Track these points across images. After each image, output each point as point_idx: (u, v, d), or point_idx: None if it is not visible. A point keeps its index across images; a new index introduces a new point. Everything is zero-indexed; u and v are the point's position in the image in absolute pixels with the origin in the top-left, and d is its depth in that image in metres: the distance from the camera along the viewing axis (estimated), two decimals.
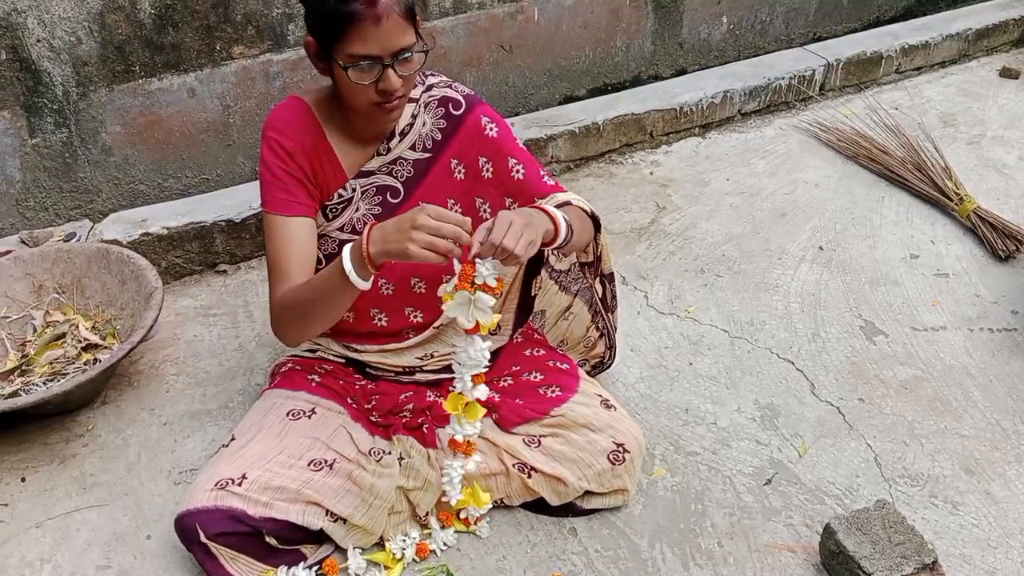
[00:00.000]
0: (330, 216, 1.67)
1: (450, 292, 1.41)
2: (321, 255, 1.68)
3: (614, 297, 1.95)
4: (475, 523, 1.74)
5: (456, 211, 1.71)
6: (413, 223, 1.33)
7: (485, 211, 1.72)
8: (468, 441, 1.61)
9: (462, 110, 1.67)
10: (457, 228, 1.34)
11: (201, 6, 2.46)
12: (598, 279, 1.89)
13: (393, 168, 1.67)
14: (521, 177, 1.68)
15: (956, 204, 2.70)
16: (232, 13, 2.51)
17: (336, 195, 1.66)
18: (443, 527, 1.73)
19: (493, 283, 1.39)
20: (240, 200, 2.55)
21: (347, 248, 1.41)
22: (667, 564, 1.70)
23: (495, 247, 1.34)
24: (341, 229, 1.67)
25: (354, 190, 1.67)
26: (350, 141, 1.65)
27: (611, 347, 2.03)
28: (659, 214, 2.81)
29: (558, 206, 1.60)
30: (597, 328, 1.98)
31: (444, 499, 1.68)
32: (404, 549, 1.69)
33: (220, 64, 2.57)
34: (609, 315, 1.96)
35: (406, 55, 1.45)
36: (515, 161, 1.68)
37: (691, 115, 3.19)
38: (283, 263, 1.58)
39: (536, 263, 1.80)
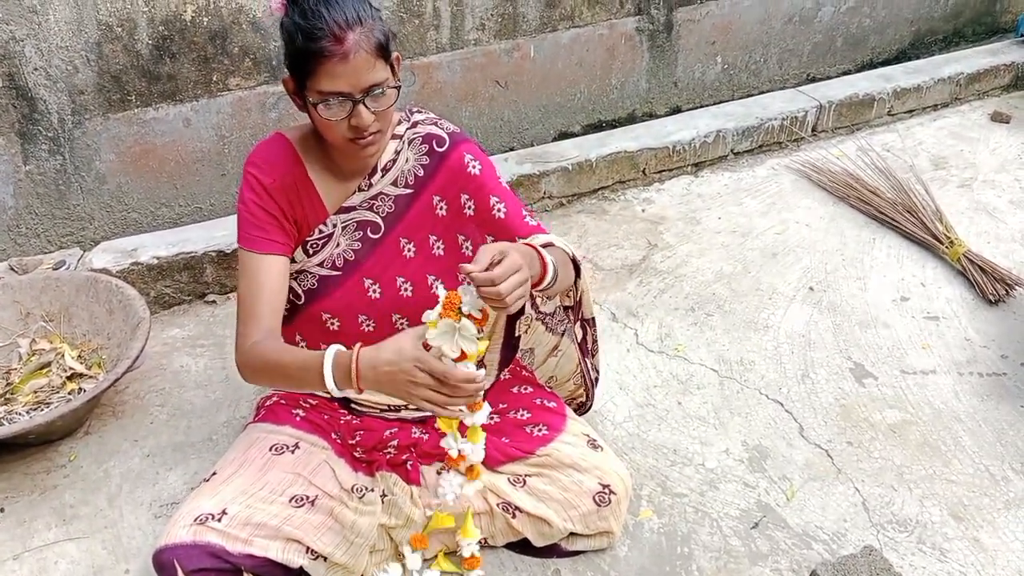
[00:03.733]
0: (310, 252, 1.67)
1: (434, 320, 1.38)
2: (300, 290, 1.68)
3: (595, 342, 1.94)
4: (468, 566, 1.69)
5: (438, 247, 1.70)
6: (411, 379, 1.34)
7: (467, 248, 1.72)
8: (473, 466, 1.57)
9: (445, 147, 1.67)
10: (458, 387, 1.35)
11: (199, 38, 2.48)
12: (579, 323, 1.88)
13: (374, 204, 1.67)
14: (503, 216, 1.68)
15: (947, 247, 2.71)
16: (229, 45, 2.53)
17: (317, 231, 1.66)
18: (423, 559, 1.69)
19: (477, 314, 1.36)
20: (231, 231, 2.55)
21: (330, 360, 1.40)
22: None
23: (491, 282, 1.32)
24: (321, 265, 1.67)
25: (335, 226, 1.66)
26: (332, 177, 1.65)
27: (589, 391, 2.01)
28: (650, 252, 2.81)
29: (542, 247, 1.60)
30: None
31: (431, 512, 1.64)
32: None
33: (216, 95, 2.59)
34: (588, 359, 1.95)
35: (377, 91, 1.46)
36: (497, 199, 1.68)
37: (684, 153, 3.21)
38: (252, 302, 1.57)
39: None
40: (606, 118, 3.40)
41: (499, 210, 1.68)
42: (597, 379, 2.02)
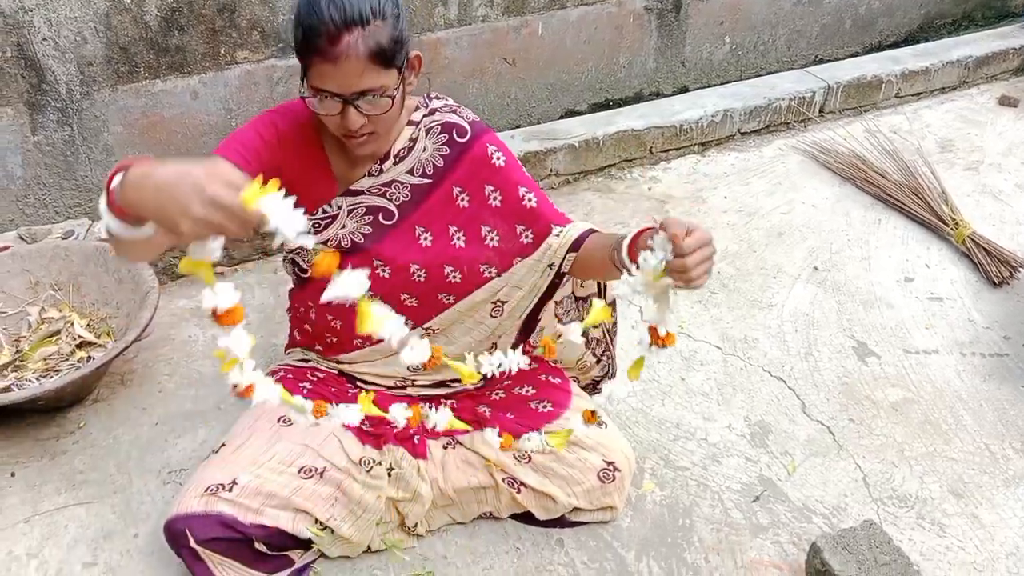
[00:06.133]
0: (311, 232, 1.62)
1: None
2: (305, 264, 1.68)
3: (615, 324, 1.93)
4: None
5: (458, 238, 1.65)
6: (202, 194, 1.05)
7: (492, 239, 1.67)
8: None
9: (467, 137, 1.62)
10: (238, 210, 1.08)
11: (207, 10, 2.47)
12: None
13: (387, 191, 1.62)
14: (534, 205, 1.65)
15: (952, 229, 2.72)
16: (238, 18, 2.53)
17: (320, 211, 1.62)
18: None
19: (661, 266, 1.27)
20: None
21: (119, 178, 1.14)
22: None
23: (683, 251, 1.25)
24: (326, 244, 1.64)
25: (340, 207, 1.62)
26: (344, 156, 1.60)
27: (610, 370, 2.00)
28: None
29: (588, 232, 1.63)
30: (594, 354, 1.95)
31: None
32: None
33: (224, 68, 2.59)
34: (611, 341, 1.94)
35: (370, 96, 1.40)
36: (525, 190, 1.64)
37: (691, 133, 3.21)
38: None
39: (552, 285, 1.79)
40: (613, 97, 3.40)
41: (529, 200, 1.64)
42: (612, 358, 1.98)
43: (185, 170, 1.07)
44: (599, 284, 1.83)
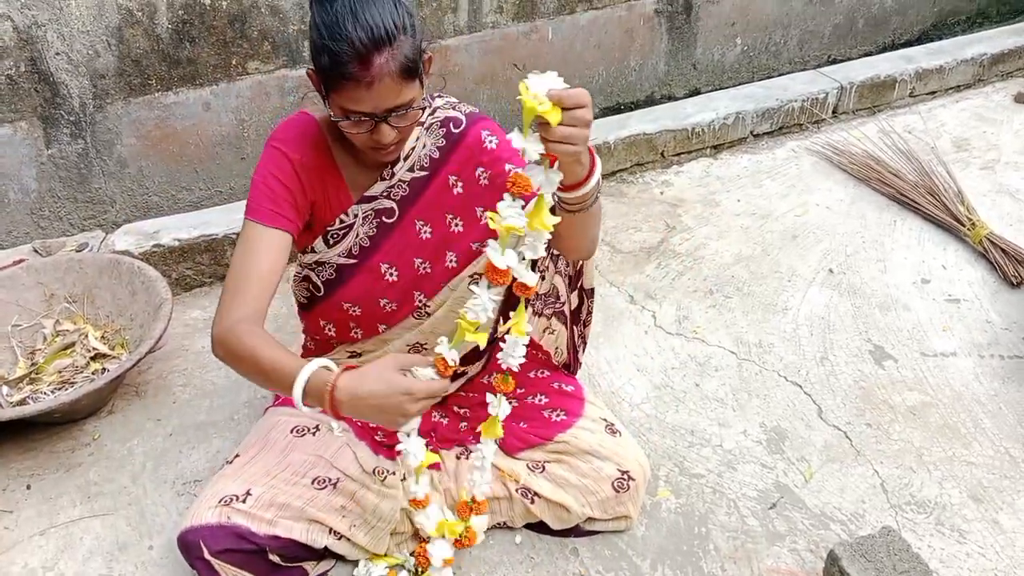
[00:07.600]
0: (331, 242, 1.64)
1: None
2: (319, 282, 1.67)
3: (589, 313, 1.88)
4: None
5: (455, 224, 1.65)
6: (401, 412, 1.34)
7: (483, 217, 1.64)
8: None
9: (462, 127, 1.63)
10: (433, 384, 1.35)
11: (218, 22, 2.49)
12: (577, 291, 1.82)
13: (391, 191, 1.63)
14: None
15: (968, 229, 2.69)
16: (248, 29, 2.54)
17: (338, 221, 1.63)
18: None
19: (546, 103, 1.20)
20: None
21: (303, 380, 1.34)
22: None
23: (559, 100, 1.20)
24: (339, 255, 1.65)
25: (356, 216, 1.63)
26: (357, 164, 1.61)
27: (572, 356, 1.94)
28: (669, 234, 2.80)
29: None
30: (550, 323, 1.93)
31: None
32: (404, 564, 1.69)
33: (235, 79, 2.60)
34: (578, 327, 1.89)
35: (401, 112, 1.41)
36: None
37: (703, 136, 3.20)
38: (245, 276, 1.49)
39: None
40: (624, 100, 3.39)
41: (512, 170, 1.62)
42: (583, 348, 1.95)
43: (388, 381, 1.33)
44: (580, 267, 1.79)
